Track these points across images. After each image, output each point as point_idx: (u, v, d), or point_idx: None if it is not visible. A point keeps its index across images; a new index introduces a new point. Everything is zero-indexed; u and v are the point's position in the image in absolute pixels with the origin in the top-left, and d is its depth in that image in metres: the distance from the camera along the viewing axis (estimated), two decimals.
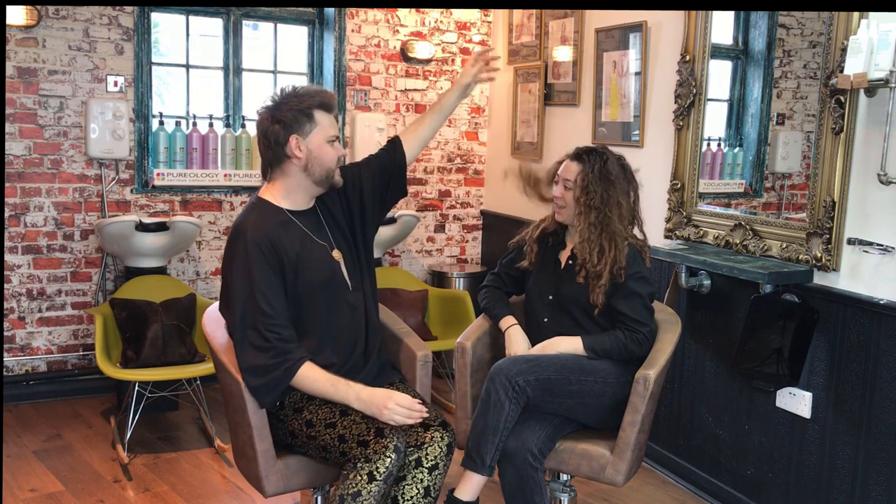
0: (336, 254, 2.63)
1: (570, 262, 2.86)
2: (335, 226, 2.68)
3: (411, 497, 2.43)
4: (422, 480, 2.45)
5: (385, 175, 2.77)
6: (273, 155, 2.55)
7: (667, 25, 3.86)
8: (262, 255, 2.47)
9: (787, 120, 3.56)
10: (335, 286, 2.61)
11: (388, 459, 2.34)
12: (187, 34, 4.82)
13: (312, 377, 2.45)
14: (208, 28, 4.98)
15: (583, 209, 2.79)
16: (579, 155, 2.85)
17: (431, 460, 2.46)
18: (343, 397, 2.45)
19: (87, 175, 4.53)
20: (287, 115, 2.50)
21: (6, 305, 4.44)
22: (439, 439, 2.49)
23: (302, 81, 5.19)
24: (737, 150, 3.74)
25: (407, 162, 2.81)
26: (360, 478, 2.33)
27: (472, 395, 2.92)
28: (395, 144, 2.82)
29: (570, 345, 2.78)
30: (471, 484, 2.65)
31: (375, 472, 2.33)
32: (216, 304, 2.78)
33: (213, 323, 2.73)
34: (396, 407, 2.38)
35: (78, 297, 4.59)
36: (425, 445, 2.47)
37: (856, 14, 2.85)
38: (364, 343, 2.67)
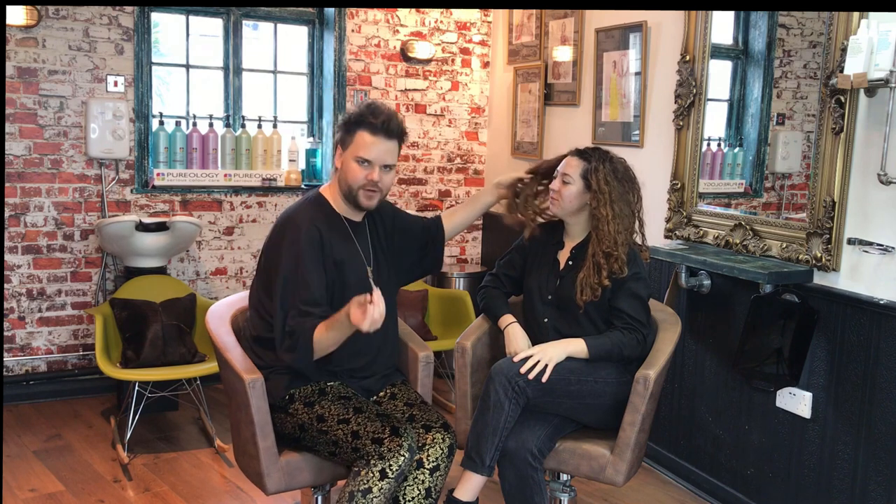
0: (370, 270, 2.67)
1: (570, 262, 2.86)
2: (378, 244, 2.73)
3: (413, 498, 2.44)
4: (423, 481, 2.45)
5: (425, 239, 2.88)
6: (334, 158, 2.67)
7: (667, 25, 3.86)
8: (313, 247, 2.52)
9: (787, 120, 3.56)
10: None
11: (402, 458, 2.35)
12: (187, 34, 4.82)
13: (317, 337, 2.44)
14: (208, 28, 4.98)
15: (599, 202, 2.75)
16: (582, 152, 2.84)
17: (433, 461, 2.47)
18: (339, 327, 2.41)
19: (87, 175, 4.53)
20: (343, 126, 2.61)
21: (6, 305, 4.44)
22: (441, 441, 2.49)
23: (302, 81, 5.19)
24: (737, 150, 3.74)
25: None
26: (372, 475, 2.33)
27: (472, 395, 2.92)
28: (438, 223, 2.93)
29: (575, 348, 2.75)
30: (470, 484, 2.64)
31: (388, 470, 2.34)
32: (219, 302, 2.78)
33: (216, 321, 2.73)
34: (369, 306, 2.29)
35: (78, 297, 4.59)
36: (427, 447, 2.48)
37: (856, 14, 2.85)
38: (381, 356, 2.70)
